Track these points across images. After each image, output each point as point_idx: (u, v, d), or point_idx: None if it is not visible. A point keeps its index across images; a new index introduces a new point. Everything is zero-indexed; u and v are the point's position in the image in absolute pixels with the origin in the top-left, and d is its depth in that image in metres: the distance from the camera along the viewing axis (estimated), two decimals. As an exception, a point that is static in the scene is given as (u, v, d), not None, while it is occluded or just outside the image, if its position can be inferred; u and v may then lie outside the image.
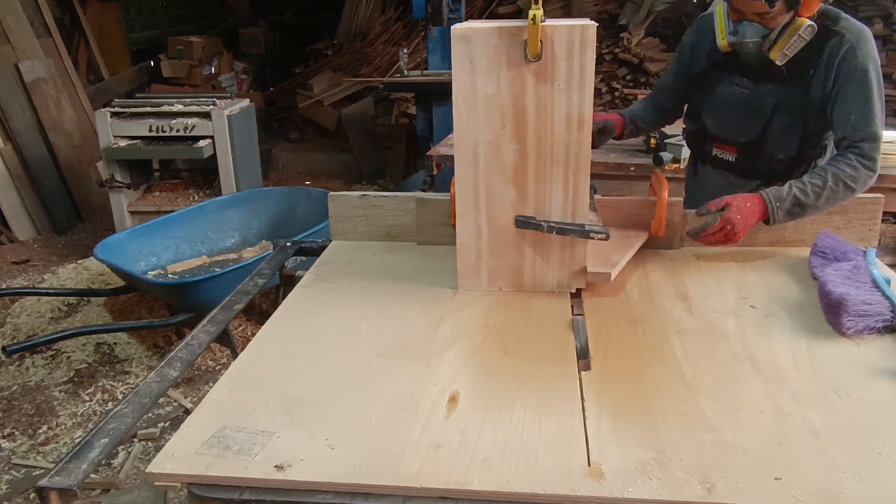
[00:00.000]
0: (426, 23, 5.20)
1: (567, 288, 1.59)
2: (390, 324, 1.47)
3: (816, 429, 1.09)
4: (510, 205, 1.53)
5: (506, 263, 1.58)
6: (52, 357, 3.28)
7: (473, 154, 1.50)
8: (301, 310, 1.55)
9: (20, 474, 2.61)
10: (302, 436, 1.10)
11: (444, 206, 1.82)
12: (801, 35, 1.77)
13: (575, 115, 1.44)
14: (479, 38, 1.42)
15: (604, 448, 1.05)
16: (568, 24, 1.39)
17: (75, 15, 5.99)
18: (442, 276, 1.66)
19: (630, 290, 1.60)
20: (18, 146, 4.87)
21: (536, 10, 1.35)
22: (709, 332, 1.40)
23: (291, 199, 3.89)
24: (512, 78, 1.43)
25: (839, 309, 1.36)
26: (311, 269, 1.76)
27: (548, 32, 1.39)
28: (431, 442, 1.08)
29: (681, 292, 1.58)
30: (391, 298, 1.58)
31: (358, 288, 1.64)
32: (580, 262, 1.57)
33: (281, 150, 6.83)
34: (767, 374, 1.24)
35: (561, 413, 1.14)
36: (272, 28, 8.46)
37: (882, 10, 6.45)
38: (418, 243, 1.88)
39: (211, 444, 1.08)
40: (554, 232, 1.51)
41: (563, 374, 1.26)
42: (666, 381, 1.23)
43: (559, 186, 1.50)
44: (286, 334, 1.44)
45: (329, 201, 1.90)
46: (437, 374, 1.27)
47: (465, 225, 1.56)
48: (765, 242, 1.80)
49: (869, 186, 1.76)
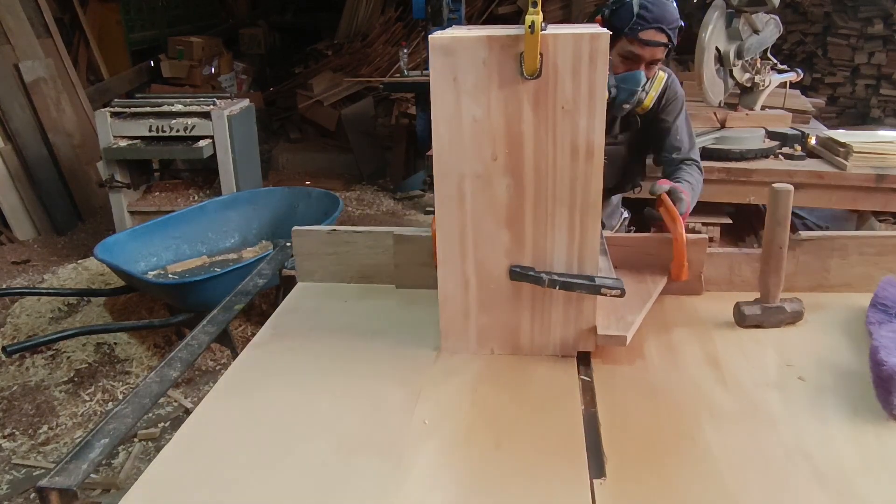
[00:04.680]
0: (426, 23, 5.20)
1: (572, 350, 1.34)
2: (357, 400, 1.22)
3: None
4: (504, 252, 1.28)
5: (499, 321, 1.33)
6: (52, 357, 3.28)
7: (458, 191, 1.25)
8: (249, 380, 1.30)
9: (20, 474, 2.61)
10: None
11: (425, 244, 1.56)
12: (663, 85, 1.99)
13: (583, 143, 1.20)
14: (465, 49, 1.17)
15: None
16: (574, 33, 1.15)
17: (75, 15, 5.99)
18: (423, 329, 1.40)
19: (649, 353, 1.34)
20: (18, 146, 4.87)
21: (535, 15, 1.11)
22: (750, 415, 1.14)
23: (291, 199, 3.90)
24: (505, 99, 1.19)
25: (890, 386, 1.10)
26: (270, 321, 1.52)
27: (549, 43, 1.15)
28: None
29: (710, 355, 1.32)
30: (360, 364, 1.33)
31: (322, 348, 1.39)
32: (588, 321, 1.31)
33: (281, 150, 6.83)
34: (831, 482, 0.98)
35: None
36: (272, 28, 8.46)
37: (882, 10, 6.45)
38: (397, 286, 1.64)
39: None
40: (557, 287, 1.26)
41: (570, 483, 1.00)
42: (702, 494, 0.97)
43: (563, 230, 1.26)
44: (225, 417, 1.19)
45: (293, 237, 1.68)
46: (410, 481, 1.01)
47: (450, 275, 1.31)
48: (804, 287, 1.52)
49: None
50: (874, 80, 6.62)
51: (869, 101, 6.66)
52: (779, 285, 1.41)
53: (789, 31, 6.71)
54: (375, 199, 5.83)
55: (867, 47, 6.56)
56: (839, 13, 6.72)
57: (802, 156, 3.13)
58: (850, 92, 6.74)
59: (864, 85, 6.67)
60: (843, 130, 3.76)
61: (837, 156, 3.02)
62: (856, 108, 6.76)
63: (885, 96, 6.58)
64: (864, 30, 6.51)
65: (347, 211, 5.46)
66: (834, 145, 3.08)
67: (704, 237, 1.53)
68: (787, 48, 6.95)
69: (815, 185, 2.99)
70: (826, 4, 6.84)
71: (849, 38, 6.61)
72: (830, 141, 3.12)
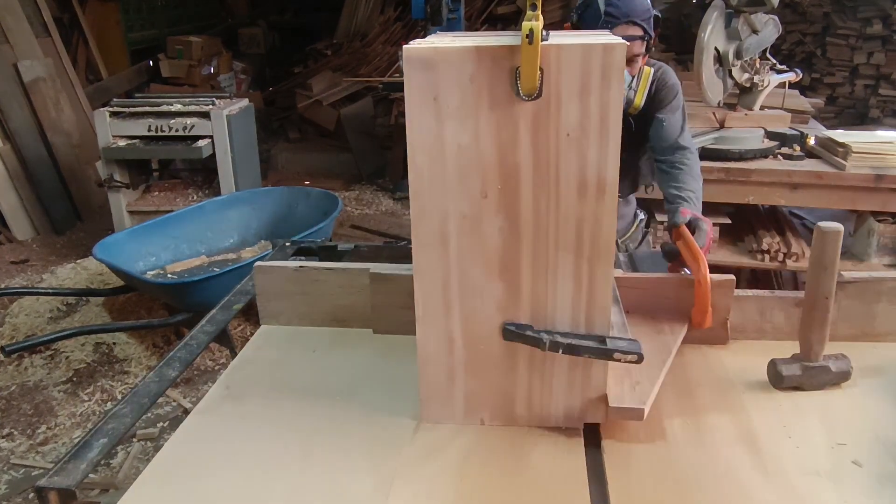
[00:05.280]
0: (425, 23, 5.20)
1: (578, 423, 1.13)
2: (317, 492, 1.01)
3: None
4: (496, 307, 1.08)
5: (490, 387, 1.13)
6: (50, 357, 3.28)
7: (441, 234, 1.05)
8: (191, 457, 1.09)
9: (19, 474, 2.60)
10: None
11: (406, 285, 1.24)
12: (650, 80, 1.94)
13: (592, 178, 1.01)
14: (448, 63, 0.97)
15: None
16: (582, 43, 0.96)
17: (74, 15, 5.98)
18: (403, 388, 1.21)
19: (670, 427, 1.12)
20: (17, 146, 4.87)
21: (534, 19, 0.91)
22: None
23: (290, 199, 3.90)
24: (498, 123, 0.99)
25: None
26: (223, 376, 1.33)
27: (552, 56, 0.95)
28: None
29: (745, 431, 1.11)
30: (326, 439, 1.13)
31: (281, 415, 1.19)
32: (598, 389, 1.11)
33: (280, 149, 6.83)
34: None
35: None
36: (272, 28, 8.47)
37: (881, 10, 6.46)
38: (374, 332, 1.45)
39: None
40: (560, 351, 1.06)
41: None
42: None
43: (567, 282, 1.06)
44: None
45: (255, 274, 1.49)
46: None
47: (431, 334, 1.11)
48: (846, 336, 1.33)
49: None
50: (873, 80, 6.62)
51: (868, 102, 6.67)
52: (823, 341, 1.21)
53: (788, 32, 6.71)
54: (374, 199, 5.83)
55: (866, 47, 6.56)
56: (838, 13, 6.72)
57: (801, 156, 3.13)
58: (849, 92, 6.74)
59: (863, 85, 6.68)
60: (842, 130, 3.76)
61: (836, 156, 3.02)
62: (855, 109, 6.76)
63: (883, 96, 6.58)
64: (863, 30, 6.52)
65: (346, 211, 5.46)
66: (833, 145, 3.08)
67: (732, 278, 1.33)
68: (786, 48, 6.95)
69: (813, 186, 2.99)
70: (825, 4, 6.84)
71: (848, 39, 6.61)
72: (829, 141, 3.12)
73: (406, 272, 1.35)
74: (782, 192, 3.01)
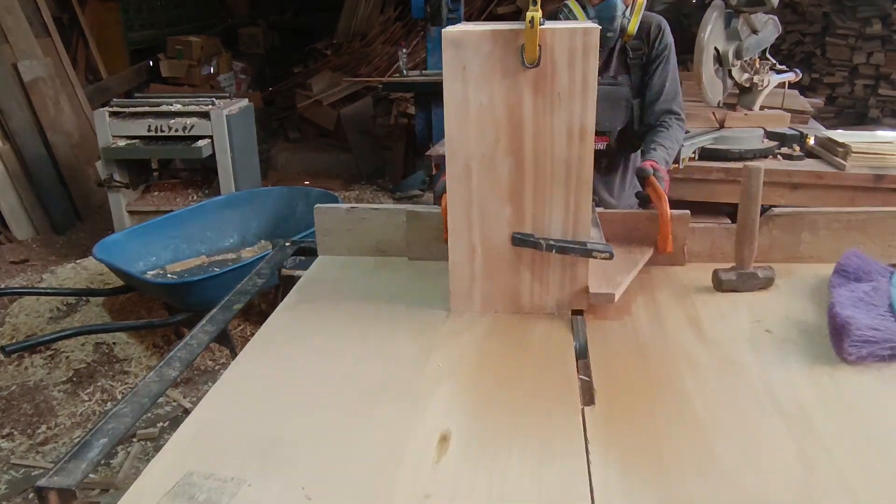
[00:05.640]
0: (425, 23, 5.21)
1: (567, 309, 1.48)
2: (377, 354, 1.35)
3: (850, 484, 0.97)
4: (506, 223, 1.43)
5: (502, 285, 1.48)
6: (51, 357, 3.28)
7: (466, 170, 1.39)
8: (280, 337, 1.44)
9: (19, 474, 2.61)
10: (276, 484, 0.99)
11: (435, 221, 1.70)
12: (643, 9, 2.06)
13: (576, 127, 1.34)
14: (472, 42, 1.31)
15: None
16: (569, 28, 1.31)
17: (74, 14, 5.98)
18: (434, 295, 1.55)
19: (636, 313, 1.48)
20: (17, 146, 4.87)
21: (535, 11, 1.27)
22: (724, 364, 1.28)
23: (290, 198, 3.89)
24: (507, 87, 1.33)
25: (842, 333, 1.26)
26: (295, 289, 1.65)
27: (547, 37, 1.29)
28: (419, 491, 0.97)
29: (691, 316, 1.46)
30: (378, 324, 1.47)
31: (343, 311, 1.53)
32: (582, 283, 1.46)
33: (280, 149, 6.83)
34: (790, 414, 1.12)
35: (563, 458, 1.03)
36: (271, 28, 8.47)
37: (880, 10, 6.45)
38: (409, 259, 1.78)
39: (175, 493, 0.97)
40: (553, 251, 1.41)
41: (565, 412, 1.14)
42: (678, 423, 1.11)
43: (559, 205, 1.40)
44: (261, 368, 1.33)
45: (315, 214, 1.80)
46: (427, 414, 1.15)
47: (458, 244, 1.46)
48: (778, 259, 1.66)
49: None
50: (873, 80, 6.62)
51: (867, 102, 6.66)
52: (752, 254, 1.55)
53: (788, 32, 6.71)
54: (374, 199, 5.83)
55: (866, 47, 6.56)
56: (838, 13, 6.72)
57: (801, 156, 3.13)
58: (849, 92, 6.74)
59: (863, 85, 6.67)
60: (842, 130, 3.76)
61: (836, 156, 3.02)
62: (854, 109, 6.76)
63: (883, 96, 6.57)
64: (863, 30, 6.51)
65: (346, 211, 5.45)
66: (832, 145, 3.08)
67: (687, 213, 1.67)
68: (786, 48, 6.95)
69: (813, 185, 2.99)
70: (825, 4, 6.84)
71: (847, 39, 6.61)
72: (829, 141, 3.12)
73: (435, 211, 1.70)
74: (782, 192, 3.01)
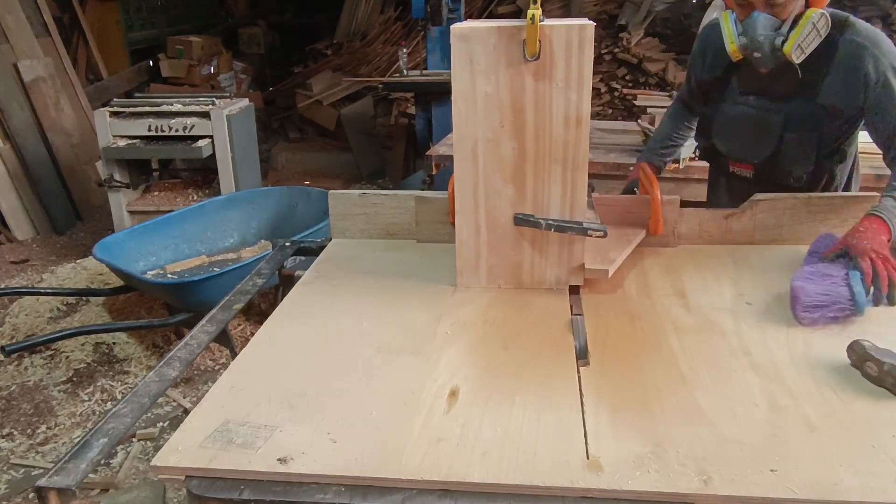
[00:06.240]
0: (425, 22, 5.21)
1: (565, 285, 1.60)
2: (391, 320, 1.48)
3: (812, 422, 1.10)
4: (509, 203, 1.53)
5: (505, 261, 1.59)
6: (50, 357, 3.28)
7: (472, 153, 1.51)
8: (302, 307, 1.57)
9: (19, 474, 2.61)
10: (304, 430, 1.11)
11: (443, 205, 1.83)
12: (816, 26, 1.67)
13: (573, 113, 1.45)
14: (479, 37, 1.43)
15: (602, 441, 1.06)
16: (566, 24, 1.41)
17: (74, 14, 5.99)
18: (441, 273, 1.67)
19: (628, 287, 1.61)
20: (17, 146, 4.88)
21: (535, 9, 1.37)
22: (706, 329, 1.41)
23: (290, 198, 3.90)
24: (511, 77, 1.44)
25: (794, 301, 1.42)
26: (312, 267, 1.77)
27: (546, 32, 1.40)
28: (432, 436, 1.09)
29: (678, 290, 1.59)
30: (391, 295, 1.59)
31: (358, 285, 1.65)
32: (578, 260, 1.57)
33: (280, 149, 6.84)
34: (763, 369, 1.26)
35: (560, 407, 1.15)
36: (272, 28, 8.47)
37: (881, 10, 6.46)
38: (418, 241, 1.89)
39: (214, 437, 1.09)
40: (552, 230, 1.52)
41: (561, 370, 1.27)
42: (663, 377, 1.24)
43: (557, 184, 1.51)
44: (288, 331, 1.46)
45: (329, 199, 1.92)
46: (438, 370, 1.28)
47: (465, 223, 1.57)
48: (761, 241, 1.81)
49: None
50: (872, 80, 6.63)
51: (867, 102, 6.67)
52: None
53: (788, 32, 6.72)
54: (374, 199, 5.84)
55: (865, 47, 6.57)
56: (837, 13, 6.74)
57: (800, 155, 3.13)
58: (849, 92, 6.75)
59: (863, 85, 6.69)
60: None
61: (835, 155, 3.02)
62: (854, 109, 6.77)
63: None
64: (863, 30, 6.53)
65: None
66: (832, 145, 3.08)
67: (677, 198, 1.78)
68: (786, 48, 6.96)
69: (812, 185, 3.00)
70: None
71: (847, 39, 6.62)
72: (828, 140, 3.12)
73: (442, 196, 1.82)
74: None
